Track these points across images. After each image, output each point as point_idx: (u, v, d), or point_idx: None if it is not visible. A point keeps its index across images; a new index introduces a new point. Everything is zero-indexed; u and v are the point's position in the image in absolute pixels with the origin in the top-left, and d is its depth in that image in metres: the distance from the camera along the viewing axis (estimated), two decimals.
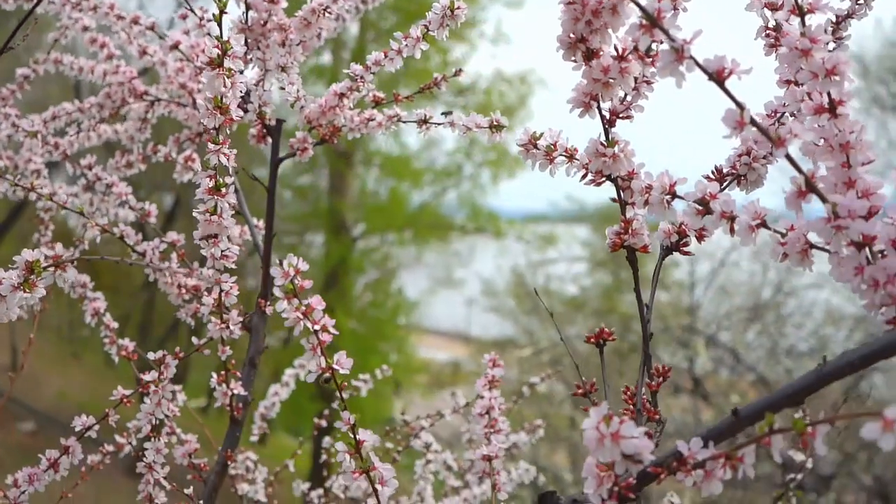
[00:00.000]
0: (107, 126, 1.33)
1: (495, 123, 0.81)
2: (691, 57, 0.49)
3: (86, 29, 1.16)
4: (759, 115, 0.68)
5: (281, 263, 0.60)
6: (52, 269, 0.64)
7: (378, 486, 0.63)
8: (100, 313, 1.09)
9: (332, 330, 0.62)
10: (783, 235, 0.54)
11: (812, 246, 0.53)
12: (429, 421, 1.31)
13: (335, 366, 0.62)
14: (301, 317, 0.61)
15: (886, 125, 8.60)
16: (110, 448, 1.13)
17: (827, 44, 0.70)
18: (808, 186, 0.50)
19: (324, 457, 1.45)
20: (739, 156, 0.67)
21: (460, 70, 0.99)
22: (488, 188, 11.21)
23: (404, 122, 0.95)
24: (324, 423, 1.47)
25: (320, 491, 1.43)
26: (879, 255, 0.51)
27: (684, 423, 6.09)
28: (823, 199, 0.50)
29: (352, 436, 0.63)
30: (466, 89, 10.58)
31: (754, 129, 0.49)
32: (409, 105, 1.00)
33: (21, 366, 1.13)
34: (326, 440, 1.38)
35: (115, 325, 1.08)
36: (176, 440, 0.97)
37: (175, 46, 1.00)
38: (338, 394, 0.64)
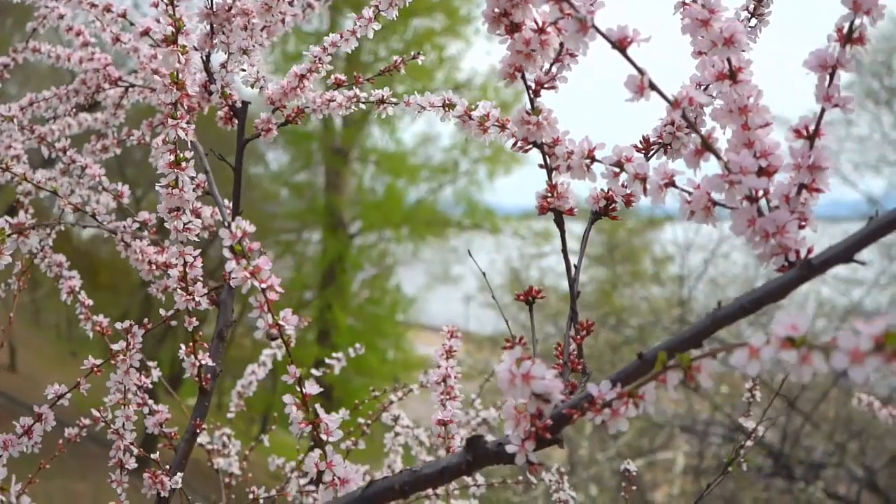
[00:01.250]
0: (87, 115, 1.37)
1: (448, 102, 0.85)
2: (594, 27, 0.53)
3: (62, 17, 1.20)
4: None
5: (229, 226, 0.64)
6: (14, 235, 0.68)
7: (323, 436, 0.67)
8: (75, 291, 1.13)
9: (278, 289, 0.66)
10: (690, 194, 0.58)
11: (714, 203, 0.57)
12: (397, 395, 1.35)
13: (281, 322, 0.66)
14: (249, 276, 0.65)
15: (880, 119, 8.62)
16: (87, 422, 1.17)
17: (748, 20, 0.74)
18: (705, 145, 0.54)
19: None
20: (665, 125, 0.71)
21: (419, 53, 1.03)
22: (484, 184, 11.26)
23: (363, 102, 0.99)
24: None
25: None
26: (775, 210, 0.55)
27: (677, 414, 6.15)
28: (718, 157, 0.54)
29: (298, 389, 0.67)
30: (462, 86, 10.63)
31: (654, 92, 0.53)
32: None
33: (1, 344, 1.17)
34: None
35: (90, 301, 1.12)
36: (148, 410, 1.01)
37: (145, 33, 1.04)
38: (286, 351, 0.68)
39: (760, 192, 0.54)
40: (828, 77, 0.54)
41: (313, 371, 1.31)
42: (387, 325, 10.79)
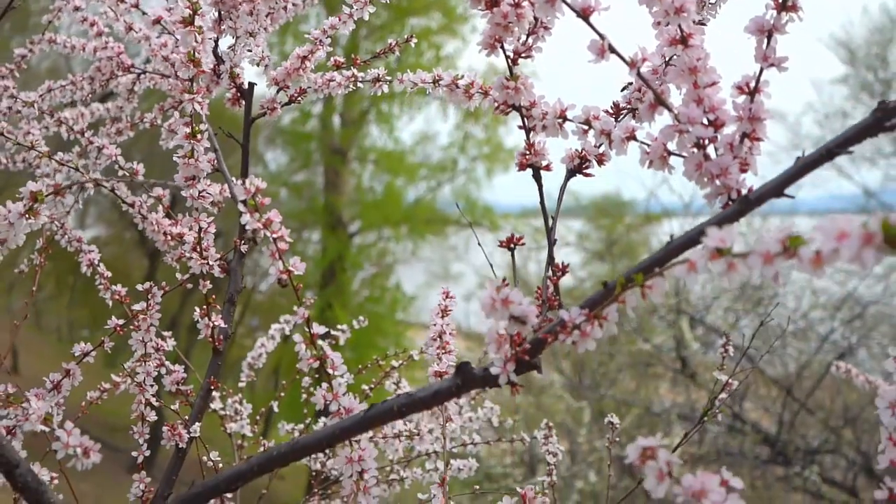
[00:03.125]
0: (98, 104, 1.45)
1: (437, 78, 0.93)
2: None
3: (77, 9, 1.28)
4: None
5: (243, 182, 0.72)
6: (52, 196, 0.76)
7: (330, 371, 0.75)
8: (94, 264, 1.21)
9: (288, 238, 0.74)
10: (648, 146, 0.67)
11: (669, 152, 0.66)
12: (399, 361, 1.44)
13: (290, 268, 0.74)
14: (262, 227, 0.73)
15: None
16: (107, 386, 1.25)
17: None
18: (658, 100, 0.63)
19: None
20: (633, 92, 0.79)
21: (411, 37, 1.11)
22: (483, 182, 11.35)
23: (360, 81, 1.07)
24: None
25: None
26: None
27: (675, 403, 6.24)
28: (669, 109, 0.62)
29: (307, 329, 0.76)
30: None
31: (613, 55, 0.62)
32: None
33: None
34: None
35: (109, 273, 1.20)
36: (165, 370, 1.09)
37: (157, 21, 1.12)
38: (296, 296, 0.76)
39: (707, 141, 0.62)
40: (765, 39, 0.63)
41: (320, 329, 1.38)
42: (387, 324, 10.85)
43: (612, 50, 0.62)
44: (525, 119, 0.74)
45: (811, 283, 6.75)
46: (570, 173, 0.78)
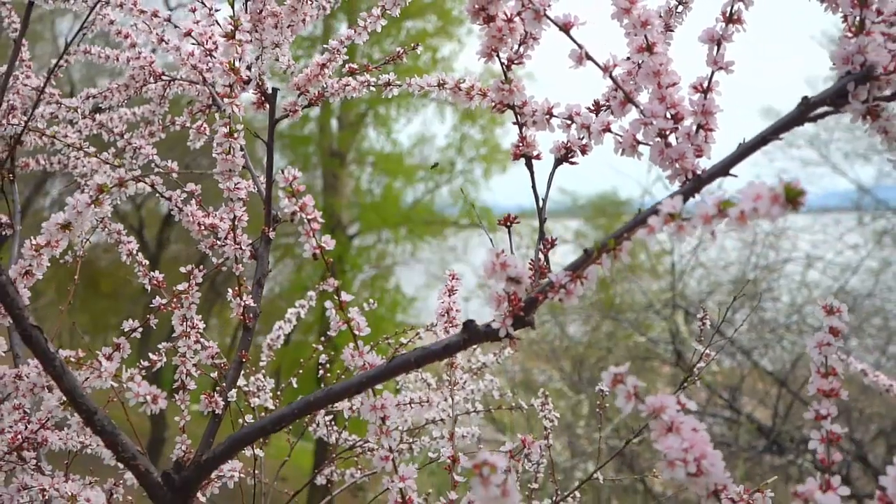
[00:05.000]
0: (125, 109, 1.59)
1: (441, 82, 1.07)
2: (546, 15, 0.75)
3: (112, 22, 1.41)
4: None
5: (283, 171, 0.85)
6: (116, 187, 0.89)
7: (356, 332, 0.88)
8: (133, 253, 1.34)
9: (320, 219, 0.87)
10: (621, 137, 0.80)
11: (638, 141, 0.79)
12: (407, 338, 1.57)
13: (322, 244, 0.87)
14: (298, 210, 0.86)
15: None
16: (145, 364, 1.38)
17: (675, 6, 0.95)
18: (626, 99, 0.76)
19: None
20: (609, 91, 0.92)
21: (417, 45, 1.25)
22: (481, 183, 11.48)
23: (373, 85, 1.20)
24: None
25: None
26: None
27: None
28: (636, 106, 0.76)
29: (336, 297, 0.89)
30: None
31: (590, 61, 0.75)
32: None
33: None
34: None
35: (147, 262, 1.33)
36: (201, 347, 1.22)
37: (188, 34, 1.25)
38: (326, 267, 0.90)
39: (668, 131, 0.75)
40: (715, 47, 0.76)
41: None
42: (387, 326, 10.97)
43: (589, 57, 0.75)
44: (518, 116, 0.87)
45: (805, 277, 6.89)
46: (558, 162, 0.91)
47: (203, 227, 1.26)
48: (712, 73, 0.77)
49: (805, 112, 0.69)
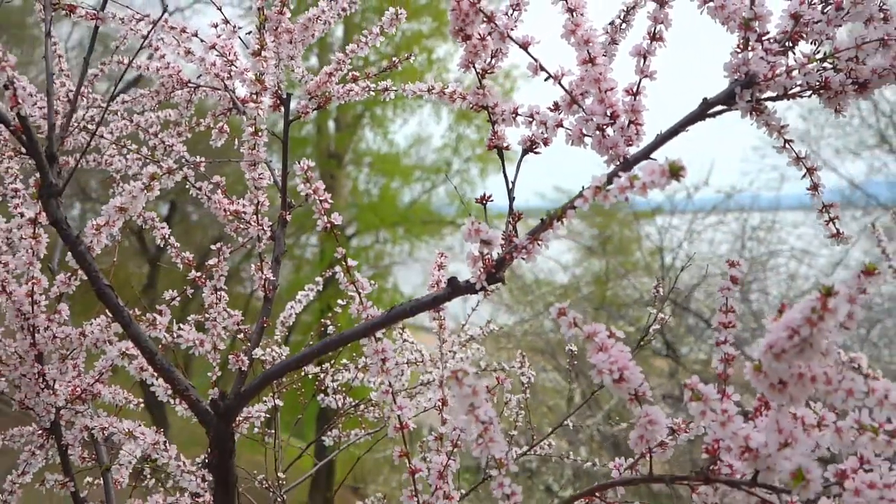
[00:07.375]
0: (150, 113, 1.80)
1: (431, 87, 1.28)
2: (509, 36, 0.96)
3: (144, 37, 1.62)
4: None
5: (299, 161, 1.06)
6: (165, 175, 1.10)
7: (361, 290, 1.09)
8: (167, 238, 1.55)
9: (329, 200, 1.08)
10: (570, 131, 1.01)
11: (584, 134, 1.00)
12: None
13: (332, 220, 1.08)
14: (312, 193, 1.07)
15: (859, 104, 9.08)
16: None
17: (619, 24, 1.16)
18: (572, 100, 0.97)
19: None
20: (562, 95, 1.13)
21: (410, 55, 1.46)
22: (477, 183, 11.69)
23: (373, 91, 1.42)
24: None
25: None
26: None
27: (661, 383, 6.60)
28: (580, 106, 0.97)
29: (345, 263, 1.10)
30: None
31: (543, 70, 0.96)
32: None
33: None
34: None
35: (178, 244, 1.54)
36: (227, 315, 1.43)
37: (212, 47, 1.46)
38: (336, 240, 1.11)
39: (606, 126, 0.96)
40: (642, 59, 0.97)
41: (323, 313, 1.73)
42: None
43: (542, 68, 0.96)
44: (490, 115, 1.08)
45: (793, 270, 7.11)
46: (524, 152, 1.13)
47: (228, 213, 1.47)
48: (639, 80, 0.98)
49: (705, 109, 0.91)
